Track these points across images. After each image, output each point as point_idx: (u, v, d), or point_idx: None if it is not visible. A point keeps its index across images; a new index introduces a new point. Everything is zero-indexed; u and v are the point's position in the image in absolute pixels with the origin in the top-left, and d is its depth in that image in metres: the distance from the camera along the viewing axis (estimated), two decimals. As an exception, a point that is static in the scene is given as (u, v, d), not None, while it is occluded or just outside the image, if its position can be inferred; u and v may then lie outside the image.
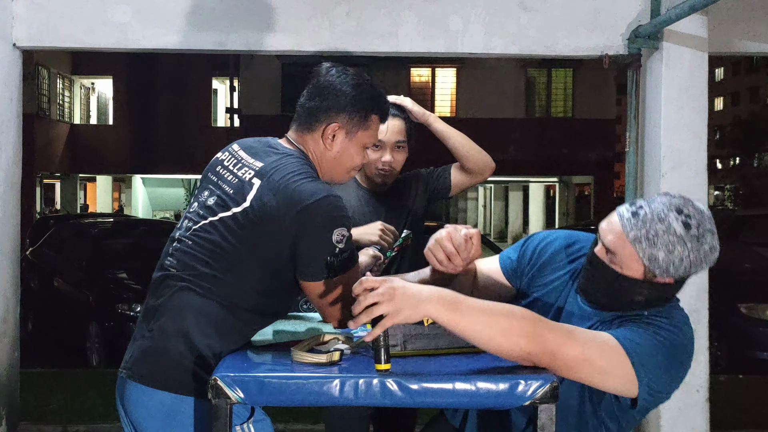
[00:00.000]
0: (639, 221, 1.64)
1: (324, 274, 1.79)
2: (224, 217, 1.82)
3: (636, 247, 1.64)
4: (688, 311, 3.05)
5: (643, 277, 1.66)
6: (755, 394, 5.83)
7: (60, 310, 8.34)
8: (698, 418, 3.53)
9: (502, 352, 1.58)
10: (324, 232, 1.76)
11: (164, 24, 3.68)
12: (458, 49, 3.75)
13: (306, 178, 1.81)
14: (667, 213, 1.62)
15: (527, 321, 1.57)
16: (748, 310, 7.27)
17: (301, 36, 3.70)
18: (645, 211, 1.65)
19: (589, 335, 1.62)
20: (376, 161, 2.83)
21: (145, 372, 1.80)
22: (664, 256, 1.62)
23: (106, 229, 10.17)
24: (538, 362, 1.57)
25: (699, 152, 3.57)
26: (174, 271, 1.86)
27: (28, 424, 4.59)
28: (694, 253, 1.62)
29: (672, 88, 3.55)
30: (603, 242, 1.70)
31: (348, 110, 1.90)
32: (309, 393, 1.56)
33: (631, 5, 3.68)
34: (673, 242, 1.61)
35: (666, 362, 1.63)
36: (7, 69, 3.65)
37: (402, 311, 1.52)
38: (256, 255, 1.79)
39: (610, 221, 1.70)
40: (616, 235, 1.67)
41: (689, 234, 1.61)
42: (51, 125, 23.06)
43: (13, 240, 3.72)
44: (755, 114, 45.34)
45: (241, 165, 1.89)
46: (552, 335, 1.57)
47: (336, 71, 1.92)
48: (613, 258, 1.68)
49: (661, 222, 1.62)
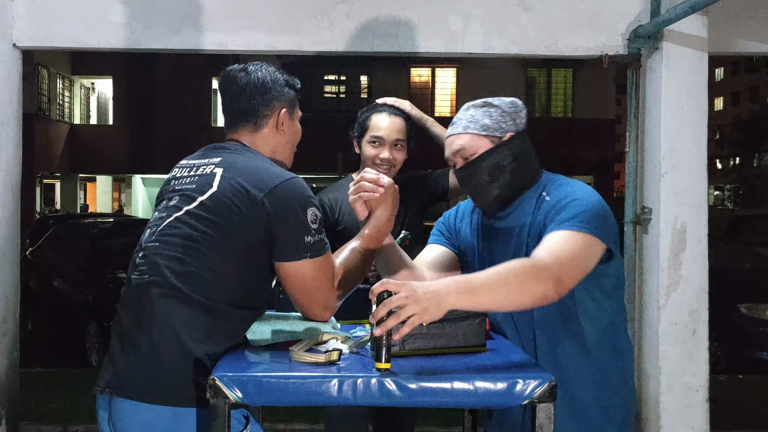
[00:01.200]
0: (457, 123, 2.08)
1: (301, 253, 1.80)
2: (190, 209, 1.82)
3: (469, 131, 2.05)
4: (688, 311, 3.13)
5: (492, 144, 2.04)
6: (755, 394, 5.83)
7: (60, 310, 8.35)
8: (698, 418, 3.53)
9: (523, 306, 1.76)
10: (298, 211, 1.80)
11: (164, 24, 3.68)
12: (458, 49, 3.75)
13: (269, 164, 1.89)
14: (467, 106, 2.11)
15: (528, 268, 1.73)
16: (748, 310, 7.28)
17: (301, 36, 3.70)
18: (455, 118, 2.10)
19: (560, 245, 1.82)
20: (374, 157, 2.84)
21: (141, 388, 1.75)
22: (490, 121, 2.05)
23: (106, 229, 10.18)
24: (552, 297, 1.75)
25: (699, 152, 3.57)
26: (147, 277, 1.82)
27: (28, 424, 4.59)
28: (504, 106, 2.08)
29: (672, 88, 3.55)
30: (452, 154, 2.08)
31: (285, 94, 2.00)
32: (307, 393, 1.56)
33: (631, 5, 3.68)
34: (486, 110, 2.06)
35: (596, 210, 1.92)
36: (7, 69, 3.65)
37: (428, 310, 1.56)
38: (229, 239, 1.78)
39: (446, 144, 2.11)
40: (455, 140, 2.07)
41: (486, 102, 2.08)
42: (51, 125, 23.06)
43: (13, 240, 3.72)
44: (755, 114, 45.34)
45: (195, 167, 1.92)
46: (548, 267, 1.75)
47: (254, 67, 1.99)
48: (465, 153, 2.05)
49: (467, 110, 2.09)
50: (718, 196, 48.35)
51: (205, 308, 1.77)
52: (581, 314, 1.97)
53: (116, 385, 1.79)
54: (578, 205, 1.91)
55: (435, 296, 1.57)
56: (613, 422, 2.00)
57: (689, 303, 3.52)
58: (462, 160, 2.06)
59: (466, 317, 1.82)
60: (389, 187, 1.99)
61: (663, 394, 3.51)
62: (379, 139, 2.85)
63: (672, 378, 3.51)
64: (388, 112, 2.88)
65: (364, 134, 2.89)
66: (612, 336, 2.02)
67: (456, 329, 1.80)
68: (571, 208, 1.91)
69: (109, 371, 1.83)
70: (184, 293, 1.77)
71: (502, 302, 1.70)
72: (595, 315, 1.99)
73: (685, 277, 3.52)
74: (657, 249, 3.53)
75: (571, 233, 1.85)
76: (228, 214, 1.78)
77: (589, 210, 1.90)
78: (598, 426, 1.98)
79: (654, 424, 3.55)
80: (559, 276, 1.75)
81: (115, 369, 1.82)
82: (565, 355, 1.98)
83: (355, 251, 1.96)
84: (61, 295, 8.48)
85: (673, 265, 3.51)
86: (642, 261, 3.66)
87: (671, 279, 3.51)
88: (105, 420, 1.84)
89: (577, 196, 1.95)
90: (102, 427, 1.86)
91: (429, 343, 1.78)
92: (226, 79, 1.99)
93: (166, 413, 1.74)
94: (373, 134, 2.86)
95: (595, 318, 1.99)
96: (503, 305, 1.74)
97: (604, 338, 2.00)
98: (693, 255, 3.53)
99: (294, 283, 1.84)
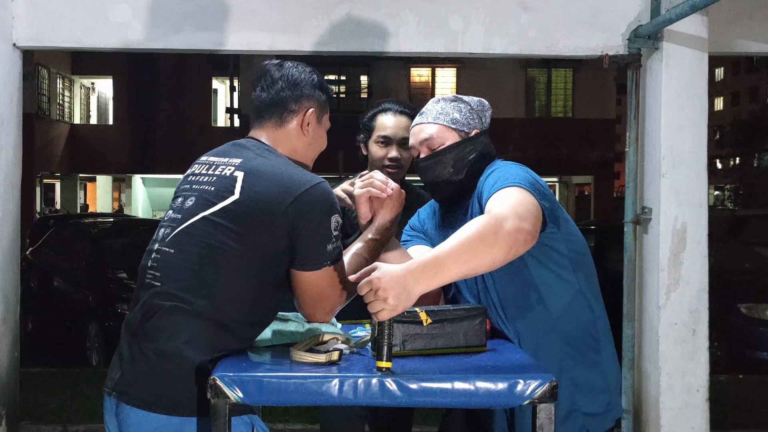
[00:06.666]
0: (426, 112, 2.17)
1: (322, 262, 1.77)
2: (208, 215, 1.77)
3: (439, 122, 2.13)
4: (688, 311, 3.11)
5: (459, 138, 2.12)
6: (755, 394, 5.83)
7: (60, 310, 8.34)
8: (698, 418, 3.53)
9: (497, 261, 1.73)
10: (324, 219, 1.76)
11: (164, 24, 3.68)
12: (458, 49, 3.75)
13: (292, 167, 1.84)
14: (437, 99, 2.18)
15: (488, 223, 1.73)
16: (748, 310, 7.28)
17: (301, 36, 3.70)
18: (425, 108, 2.19)
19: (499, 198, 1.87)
20: (382, 158, 2.84)
21: (145, 397, 1.74)
22: (459, 116, 2.13)
23: (106, 229, 10.16)
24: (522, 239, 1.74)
25: (699, 152, 3.57)
26: (159, 286, 1.78)
27: (28, 424, 4.59)
28: (473, 103, 2.17)
29: (672, 88, 3.55)
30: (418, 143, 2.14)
31: (316, 95, 1.96)
32: (308, 393, 1.56)
33: (631, 5, 3.68)
34: (456, 105, 2.15)
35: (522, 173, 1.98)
36: (7, 69, 3.64)
37: (398, 307, 1.57)
38: (248, 249, 1.73)
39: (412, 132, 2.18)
40: (423, 128, 2.14)
41: (457, 98, 2.17)
42: (51, 125, 23.05)
43: (13, 240, 3.72)
44: (755, 114, 45.27)
45: (215, 166, 1.87)
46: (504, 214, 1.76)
47: (290, 64, 1.96)
48: (432, 143, 2.12)
49: (438, 103, 2.17)
50: (718, 196, 48.33)
51: (214, 324, 1.74)
52: (542, 287, 2.00)
53: (122, 389, 1.78)
54: (503, 171, 2.00)
55: (403, 292, 1.57)
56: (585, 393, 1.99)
57: (689, 303, 3.52)
58: (427, 149, 2.13)
59: (466, 317, 1.82)
60: (396, 192, 2.03)
61: (663, 394, 3.51)
62: (386, 139, 2.84)
63: (672, 378, 3.51)
64: (393, 111, 2.88)
65: (370, 135, 2.89)
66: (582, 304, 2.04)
67: (457, 329, 1.81)
68: (495, 174, 2.00)
69: (117, 372, 1.82)
70: (195, 308, 1.74)
71: (474, 267, 1.70)
72: (557, 288, 2.02)
73: (685, 277, 3.52)
74: (657, 249, 3.53)
75: (505, 189, 1.90)
76: (251, 224, 1.74)
77: (513, 172, 1.98)
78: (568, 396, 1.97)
79: (654, 424, 3.55)
80: (518, 220, 1.76)
81: (122, 371, 1.80)
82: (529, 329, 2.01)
83: (358, 255, 1.96)
84: (61, 295, 8.48)
85: (673, 265, 3.51)
86: (642, 261, 3.66)
87: (671, 279, 3.51)
88: (113, 425, 1.83)
89: (501, 165, 2.06)
90: (109, 427, 1.86)
91: (430, 344, 1.78)
92: (260, 72, 1.96)
93: (173, 422, 1.72)
94: (380, 134, 2.85)
95: (559, 291, 2.02)
96: (477, 269, 1.72)
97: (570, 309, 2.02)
98: (693, 255, 3.53)
99: (309, 291, 1.80)
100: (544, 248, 1.98)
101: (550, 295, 2.01)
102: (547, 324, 2.01)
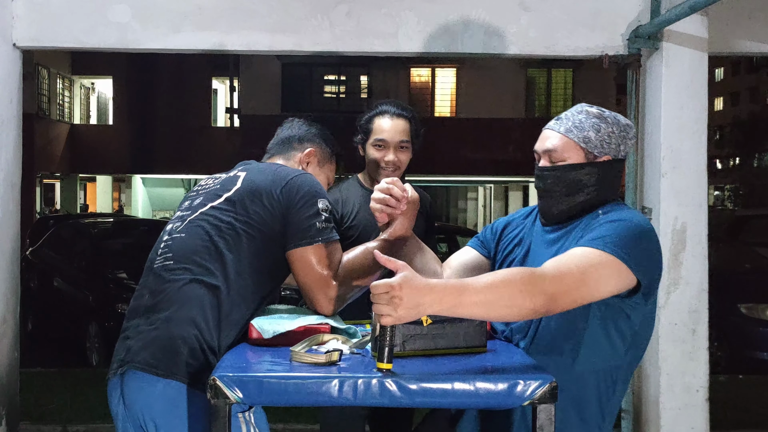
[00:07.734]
0: (563, 120, 1.96)
1: (312, 238, 1.93)
2: (215, 204, 1.99)
3: (570, 136, 1.92)
4: (688, 311, 3.09)
5: (585, 159, 1.91)
6: (755, 394, 5.83)
7: (60, 310, 8.34)
8: (698, 418, 3.53)
9: (512, 318, 1.69)
10: (310, 199, 1.97)
11: (164, 24, 3.68)
12: (458, 49, 3.75)
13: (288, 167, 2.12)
14: (581, 109, 1.96)
15: (522, 279, 1.63)
16: (748, 310, 7.28)
17: (301, 36, 3.70)
18: (564, 114, 1.98)
19: (571, 261, 1.72)
20: (379, 160, 2.84)
21: (151, 361, 1.83)
22: (594, 135, 1.91)
23: (106, 229, 10.17)
24: (545, 311, 1.65)
25: (699, 152, 3.57)
26: (171, 264, 1.94)
27: (27, 424, 4.59)
28: (616, 127, 1.92)
29: (672, 88, 3.55)
30: (542, 150, 1.97)
31: (318, 142, 2.26)
32: (308, 393, 1.56)
33: (631, 5, 3.69)
34: (597, 123, 1.91)
35: (637, 238, 1.78)
36: (7, 69, 3.65)
37: (403, 319, 1.55)
38: (251, 229, 1.94)
39: (541, 136, 2.00)
40: (551, 136, 1.96)
41: (605, 116, 1.92)
42: (51, 125, 23.04)
43: (13, 240, 3.72)
44: (755, 114, 45.30)
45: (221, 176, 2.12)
46: (545, 280, 1.65)
47: (305, 121, 2.31)
48: (554, 155, 1.94)
49: (580, 114, 1.94)
50: (718, 196, 48.32)
51: (221, 296, 1.89)
52: (586, 342, 1.84)
53: (128, 359, 1.86)
54: (616, 227, 1.79)
55: (416, 307, 1.53)
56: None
57: (689, 303, 3.52)
58: (548, 160, 1.96)
59: (466, 318, 1.82)
60: (412, 202, 2.06)
61: (663, 394, 3.51)
62: (383, 142, 2.84)
63: (672, 378, 3.51)
64: (390, 114, 2.87)
65: (368, 138, 2.89)
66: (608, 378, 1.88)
67: (457, 330, 1.80)
68: (606, 227, 1.80)
69: (121, 351, 1.90)
70: (205, 280, 1.89)
71: (491, 318, 1.70)
72: (599, 351, 1.85)
73: (685, 277, 3.52)
74: (657, 249, 3.53)
75: (591, 251, 1.73)
76: (252, 207, 1.95)
77: (626, 233, 1.77)
78: None
79: (654, 424, 3.55)
80: (554, 292, 1.64)
81: (126, 347, 1.89)
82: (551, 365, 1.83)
83: (367, 251, 2.01)
84: (61, 295, 8.47)
85: (673, 265, 3.51)
86: (642, 261, 3.66)
87: (671, 279, 3.51)
88: (117, 399, 1.90)
89: (622, 218, 1.82)
90: (114, 409, 1.91)
91: (430, 344, 1.78)
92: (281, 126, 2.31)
93: (173, 386, 1.80)
94: (377, 137, 2.85)
95: (598, 354, 1.85)
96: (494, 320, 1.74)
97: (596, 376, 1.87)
98: (693, 255, 3.53)
99: (304, 269, 1.94)
100: (618, 311, 1.82)
101: (588, 354, 1.84)
102: (564, 375, 1.80)
